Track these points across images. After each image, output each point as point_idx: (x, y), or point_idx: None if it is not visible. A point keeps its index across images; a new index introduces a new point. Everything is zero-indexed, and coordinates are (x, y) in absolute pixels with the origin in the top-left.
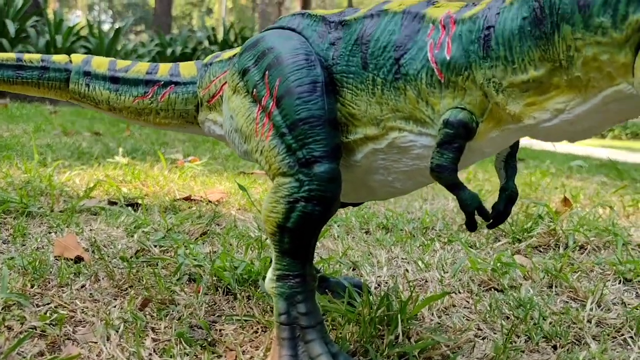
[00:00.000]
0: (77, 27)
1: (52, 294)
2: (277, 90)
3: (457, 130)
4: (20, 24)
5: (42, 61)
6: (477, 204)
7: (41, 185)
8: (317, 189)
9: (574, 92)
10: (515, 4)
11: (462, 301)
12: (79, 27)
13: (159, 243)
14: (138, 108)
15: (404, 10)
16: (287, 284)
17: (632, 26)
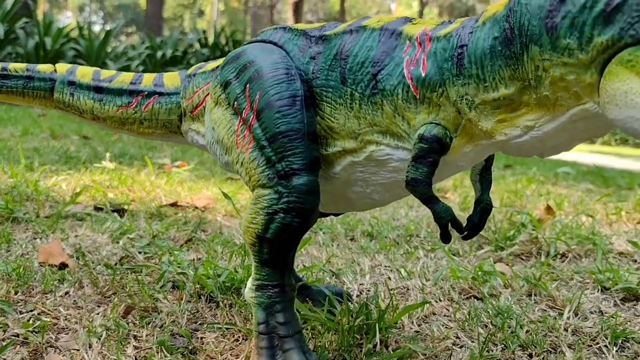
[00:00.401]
0: (67, 28)
1: (36, 301)
2: (257, 103)
3: (431, 145)
4: (9, 25)
5: (27, 70)
6: (450, 216)
7: (27, 191)
8: (296, 201)
9: (543, 110)
10: (487, 24)
11: (442, 309)
12: (68, 28)
13: (144, 250)
14: (122, 118)
15: (381, 27)
16: (266, 294)
17: (597, 48)
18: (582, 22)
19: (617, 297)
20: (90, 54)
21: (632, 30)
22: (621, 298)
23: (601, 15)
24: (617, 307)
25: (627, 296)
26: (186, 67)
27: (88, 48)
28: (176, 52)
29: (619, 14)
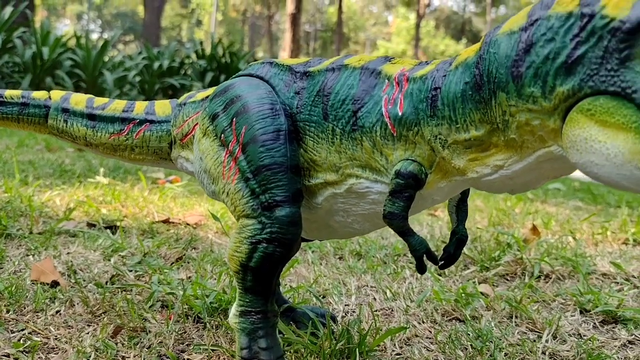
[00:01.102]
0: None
1: (27, 320)
2: (243, 137)
3: (407, 181)
4: (7, 34)
5: (22, 97)
6: (425, 249)
7: (21, 206)
8: (278, 232)
9: (511, 151)
10: (460, 69)
11: (424, 331)
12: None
13: (135, 268)
14: (114, 144)
15: (362, 66)
16: (249, 320)
17: (559, 97)
18: (545, 72)
19: (597, 320)
20: (87, 64)
21: (591, 82)
22: (600, 320)
23: (563, 66)
24: (596, 330)
25: (607, 319)
26: (183, 77)
27: (85, 58)
28: (173, 63)
29: (579, 66)
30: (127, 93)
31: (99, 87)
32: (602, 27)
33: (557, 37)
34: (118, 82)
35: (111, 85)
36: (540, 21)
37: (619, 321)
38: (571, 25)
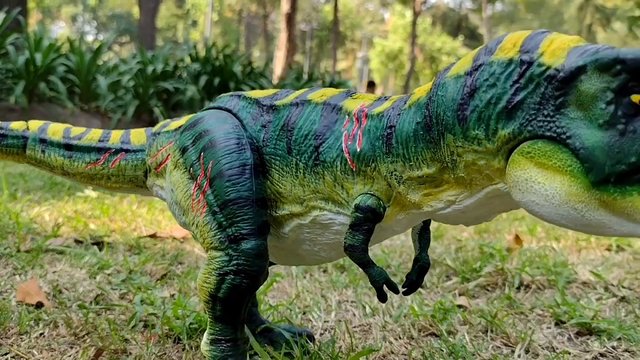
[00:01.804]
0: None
1: (11, 343)
2: (210, 171)
3: (366, 214)
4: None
5: (0, 128)
6: (384, 280)
7: (9, 223)
8: (245, 264)
9: (461, 188)
10: (412, 109)
11: (400, 347)
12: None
13: (120, 287)
14: (90, 174)
15: (324, 102)
16: (219, 348)
17: (502, 139)
18: (488, 116)
19: (572, 332)
20: (81, 69)
21: (530, 126)
22: (575, 332)
23: (504, 111)
24: (570, 342)
25: (581, 330)
26: (177, 81)
27: (79, 63)
28: (167, 66)
29: (518, 111)
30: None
31: (92, 92)
32: (539, 75)
33: (499, 83)
34: (112, 86)
35: (105, 90)
36: (483, 66)
37: (593, 333)
38: (511, 72)
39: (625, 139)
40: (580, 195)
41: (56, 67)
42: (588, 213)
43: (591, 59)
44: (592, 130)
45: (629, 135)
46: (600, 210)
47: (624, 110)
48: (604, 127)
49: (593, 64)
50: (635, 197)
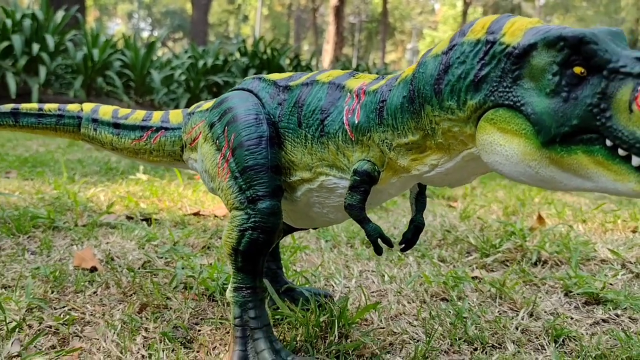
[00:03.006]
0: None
1: (68, 299)
2: (232, 142)
3: (362, 177)
4: (59, 38)
5: (59, 110)
6: (378, 234)
7: (68, 202)
8: (261, 221)
9: (442, 152)
10: (401, 85)
11: (412, 310)
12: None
13: (164, 255)
14: (135, 149)
15: (330, 82)
16: (241, 294)
17: (470, 109)
18: (458, 88)
19: (580, 301)
20: (136, 64)
21: (493, 97)
22: (583, 302)
23: (471, 84)
24: (577, 310)
25: (589, 300)
26: (226, 74)
27: (133, 58)
28: (217, 60)
29: (484, 84)
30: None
31: (147, 85)
32: (500, 52)
33: (468, 60)
34: (165, 80)
35: (159, 84)
36: (456, 46)
37: (600, 302)
38: (478, 50)
39: (568, 105)
40: (533, 154)
41: (112, 62)
42: (541, 170)
43: (540, 37)
44: (541, 98)
45: (572, 101)
46: (551, 167)
47: (567, 80)
48: (551, 95)
49: (542, 42)
50: (579, 155)
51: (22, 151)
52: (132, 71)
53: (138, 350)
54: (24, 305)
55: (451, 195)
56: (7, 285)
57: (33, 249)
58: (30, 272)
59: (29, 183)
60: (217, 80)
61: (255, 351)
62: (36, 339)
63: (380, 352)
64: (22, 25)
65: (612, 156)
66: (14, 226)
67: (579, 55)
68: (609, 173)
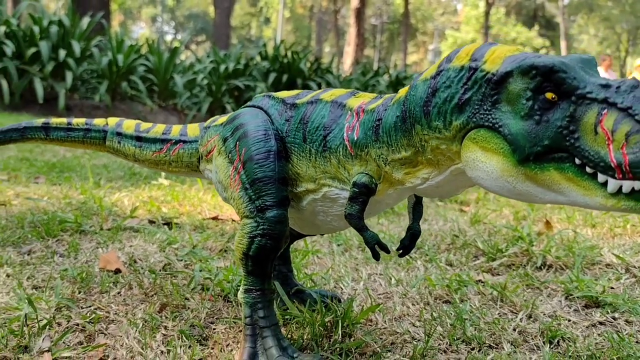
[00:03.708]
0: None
1: (94, 299)
2: (243, 156)
3: (361, 189)
4: (85, 43)
5: (86, 124)
6: (375, 241)
7: (94, 206)
8: (269, 228)
9: (432, 167)
10: (395, 105)
11: (415, 311)
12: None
13: (184, 258)
14: (155, 160)
15: (332, 100)
16: (251, 296)
17: (455, 128)
18: (445, 110)
19: (580, 304)
20: (159, 69)
21: (475, 118)
22: (583, 305)
23: (456, 106)
24: (576, 313)
25: (589, 303)
26: (248, 78)
27: (157, 63)
28: (238, 65)
29: (467, 106)
30: (197, 95)
31: (170, 90)
32: (481, 78)
33: (453, 85)
34: (188, 84)
35: (181, 88)
36: (443, 72)
37: (600, 305)
38: (462, 76)
39: (541, 127)
40: (510, 170)
41: (136, 67)
42: (517, 185)
43: (516, 66)
44: (517, 120)
45: (544, 123)
46: (527, 182)
47: (539, 105)
48: (525, 118)
49: (517, 70)
50: (552, 171)
51: (50, 157)
52: (156, 75)
53: (158, 347)
54: (54, 304)
55: (464, 200)
56: (38, 286)
57: (61, 251)
58: (59, 274)
59: (56, 188)
60: (238, 84)
61: (263, 348)
62: (65, 336)
63: (382, 350)
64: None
65: (581, 173)
66: (44, 230)
67: (550, 82)
68: (579, 188)
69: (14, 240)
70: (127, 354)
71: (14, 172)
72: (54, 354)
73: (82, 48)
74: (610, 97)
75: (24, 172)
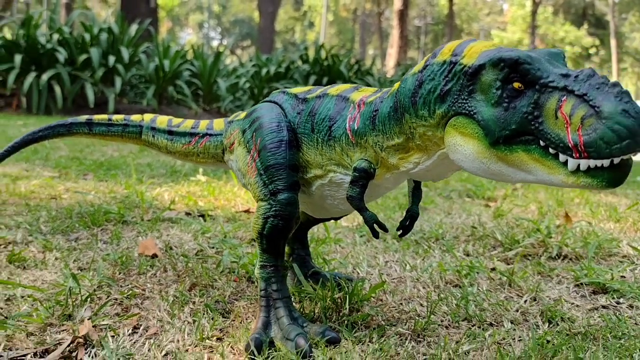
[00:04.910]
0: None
1: (132, 279)
2: (258, 145)
3: (360, 173)
4: (133, 50)
5: (124, 120)
6: (374, 220)
7: (136, 200)
8: (280, 210)
9: (422, 152)
10: (389, 97)
11: (425, 293)
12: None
13: (215, 245)
14: (185, 152)
15: (337, 94)
16: (265, 271)
17: (438, 116)
18: (429, 100)
19: (587, 291)
20: (204, 73)
21: (454, 107)
22: (591, 291)
23: (438, 97)
24: (583, 298)
25: (597, 290)
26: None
27: (201, 68)
28: (279, 68)
29: (447, 96)
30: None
31: (214, 93)
32: (460, 71)
33: (436, 78)
34: (230, 88)
35: (224, 92)
36: (428, 66)
37: (607, 292)
38: (444, 70)
39: (509, 113)
40: (484, 152)
41: (182, 72)
42: (491, 165)
43: (488, 59)
44: (488, 107)
45: (511, 110)
46: (499, 163)
47: (508, 93)
48: (495, 105)
49: (489, 62)
50: (520, 153)
51: (99, 156)
52: (200, 80)
53: (185, 318)
54: (96, 282)
55: (491, 196)
56: (83, 267)
57: (105, 239)
58: (102, 258)
59: (103, 184)
60: (279, 87)
61: (276, 317)
62: (103, 307)
63: (386, 324)
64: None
65: (545, 154)
66: (90, 220)
67: (517, 73)
68: (544, 168)
69: (63, 228)
70: (158, 322)
71: (65, 169)
72: (94, 322)
73: (130, 54)
74: (569, 85)
75: (74, 170)
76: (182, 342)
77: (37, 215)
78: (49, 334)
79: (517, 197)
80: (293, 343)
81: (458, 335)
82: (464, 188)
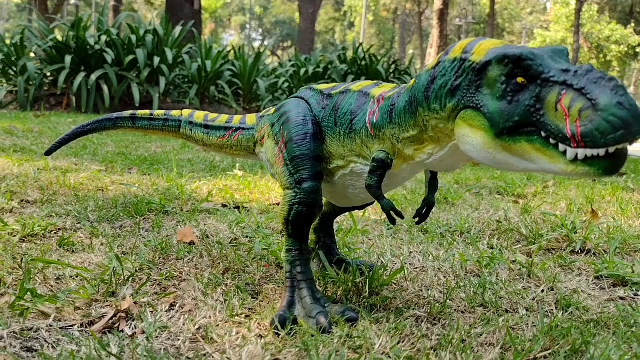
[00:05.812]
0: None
1: (170, 263)
2: (285, 138)
3: (379, 164)
4: (177, 51)
5: (165, 115)
6: (391, 207)
7: (176, 192)
8: (305, 197)
9: (435, 144)
10: (406, 92)
11: (445, 281)
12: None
13: (249, 235)
14: (220, 144)
15: (359, 90)
16: (291, 254)
17: (449, 110)
18: (441, 95)
19: (607, 283)
20: (244, 74)
21: (464, 101)
22: (610, 284)
23: (449, 91)
24: (602, 290)
25: (616, 282)
26: (326, 81)
27: (242, 68)
28: (317, 68)
29: (457, 91)
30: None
31: (254, 93)
32: (469, 67)
33: (447, 73)
34: (270, 88)
35: (264, 92)
36: (441, 63)
37: (627, 285)
38: (455, 66)
39: (512, 106)
40: (490, 143)
41: (223, 72)
42: (497, 155)
43: (494, 56)
44: (494, 101)
45: (515, 103)
46: (504, 152)
47: (512, 88)
48: (500, 99)
49: (494, 59)
50: (523, 143)
51: (143, 152)
52: (241, 80)
53: (217, 298)
54: (137, 265)
55: (522, 193)
56: (126, 252)
57: (147, 227)
58: (144, 244)
59: (146, 177)
60: None
61: (300, 297)
62: (143, 286)
63: (403, 307)
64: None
65: (546, 144)
66: (133, 210)
67: (520, 68)
68: (545, 157)
69: (109, 217)
70: (192, 301)
71: (111, 164)
72: (135, 299)
73: (174, 55)
74: (568, 79)
75: (120, 164)
76: (214, 318)
77: (85, 204)
78: (94, 308)
79: (548, 195)
80: (314, 320)
81: (473, 319)
82: (495, 185)
